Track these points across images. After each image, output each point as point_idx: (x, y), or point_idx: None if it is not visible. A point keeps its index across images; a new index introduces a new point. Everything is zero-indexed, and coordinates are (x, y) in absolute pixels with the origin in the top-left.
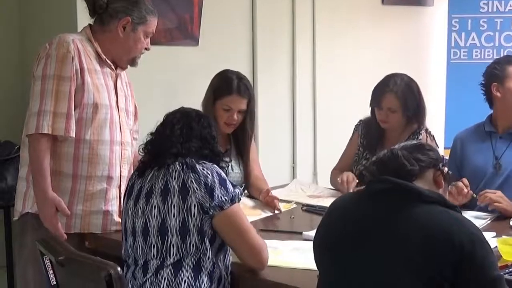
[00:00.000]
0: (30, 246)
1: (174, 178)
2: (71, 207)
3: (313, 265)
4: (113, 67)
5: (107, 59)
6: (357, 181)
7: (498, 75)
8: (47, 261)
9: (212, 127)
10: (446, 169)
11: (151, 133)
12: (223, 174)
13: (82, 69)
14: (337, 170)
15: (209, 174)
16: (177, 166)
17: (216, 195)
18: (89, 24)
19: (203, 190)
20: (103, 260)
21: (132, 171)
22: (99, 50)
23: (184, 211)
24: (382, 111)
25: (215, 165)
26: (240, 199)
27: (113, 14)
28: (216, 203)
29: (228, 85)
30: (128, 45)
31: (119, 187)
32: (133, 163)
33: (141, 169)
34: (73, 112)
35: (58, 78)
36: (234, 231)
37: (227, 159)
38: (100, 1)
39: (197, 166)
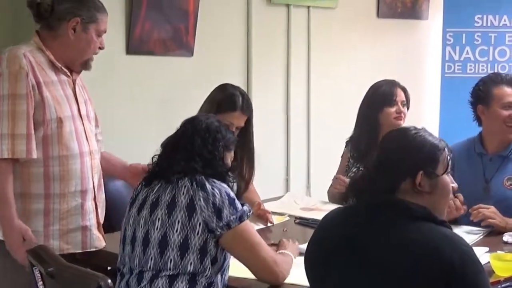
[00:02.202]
0: (2, 271)
1: (183, 194)
2: (47, 228)
3: (303, 281)
4: (68, 73)
5: (62, 67)
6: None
7: (483, 97)
8: (36, 272)
9: (217, 144)
10: (420, 174)
11: (162, 145)
12: (232, 194)
13: (38, 83)
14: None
15: (217, 194)
16: (187, 182)
17: (225, 215)
18: (36, 31)
19: (210, 210)
20: (93, 272)
21: (102, 179)
22: (52, 58)
23: (188, 228)
24: (396, 106)
25: (224, 184)
26: (249, 216)
27: (60, 16)
28: (225, 223)
29: (233, 102)
30: (81, 47)
31: (94, 199)
32: (103, 167)
33: (148, 179)
34: (33, 132)
35: (13, 97)
36: (244, 248)
37: (232, 177)
38: (45, 4)
39: (207, 184)
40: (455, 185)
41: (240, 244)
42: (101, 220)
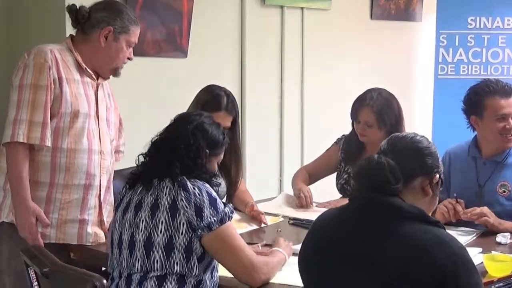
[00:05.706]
0: (6, 256)
1: (165, 194)
2: (47, 216)
3: (295, 281)
4: (93, 76)
5: (87, 69)
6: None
7: (476, 108)
8: (31, 273)
9: (201, 152)
10: (437, 176)
11: (151, 141)
12: (214, 193)
13: (60, 78)
14: (304, 171)
15: (198, 194)
16: (168, 182)
17: (205, 215)
18: (71, 35)
19: (192, 209)
20: (88, 272)
21: (111, 182)
22: (79, 59)
23: (172, 228)
24: (359, 124)
25: (206, 184)
26: (231, 218)
27: (95, 23)
28: (205, 224)
29: (218, 102)
30: (110, 55)
31: (99, 196)
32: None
33: (131, 182)
34: (49, 121)
35: (35, 87)
36: (225, 250)
37: (218, 181)
38: (83, 11)
39: (188, 184)
40: None
41: (219, 247)
42: (105, 218)
